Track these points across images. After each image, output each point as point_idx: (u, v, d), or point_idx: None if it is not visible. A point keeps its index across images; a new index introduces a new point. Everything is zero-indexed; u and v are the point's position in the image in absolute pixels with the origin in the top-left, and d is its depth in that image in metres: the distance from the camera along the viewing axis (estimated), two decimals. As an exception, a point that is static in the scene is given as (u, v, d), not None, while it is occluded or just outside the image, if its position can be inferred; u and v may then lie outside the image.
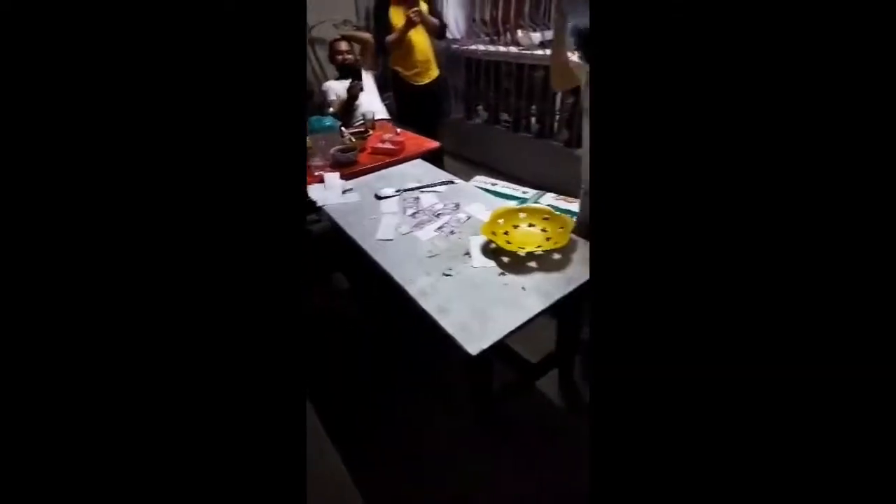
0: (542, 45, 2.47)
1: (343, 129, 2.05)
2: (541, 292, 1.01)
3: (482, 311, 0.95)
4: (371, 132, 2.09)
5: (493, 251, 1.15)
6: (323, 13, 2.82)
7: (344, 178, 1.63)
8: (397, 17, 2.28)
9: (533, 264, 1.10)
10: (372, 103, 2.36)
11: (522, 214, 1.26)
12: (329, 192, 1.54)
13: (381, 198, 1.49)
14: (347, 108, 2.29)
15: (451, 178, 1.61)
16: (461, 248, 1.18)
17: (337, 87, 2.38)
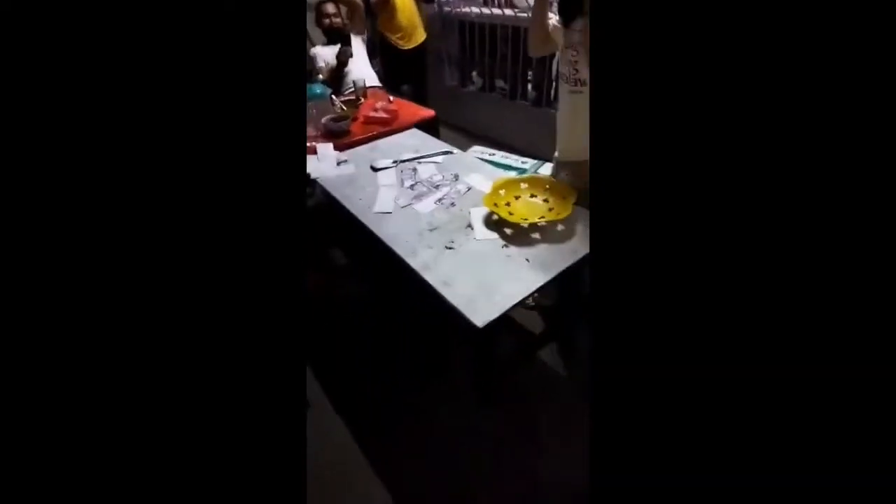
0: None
1: (333, 97, 1.96)
2: (544, 264, 0.99)
3: (487, 284, 0.94)
4: (363, 100, 2.01)
5: (495, 223, 1.13)
6: (307, -27, 2.66)
7: (337, 149, 1.57)
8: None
9: (536, 235, 1.08)
10: (362, 70, 2.26)
11: (524, 185, 1.23)
12: (323, 163, 1.48)
13: (377, 169, 1.44)
14: (337, 75, 2.18)
15: (450, 148, 1.56)
16: (463, 221, 1.16)
17: (325, 53, 2.26)
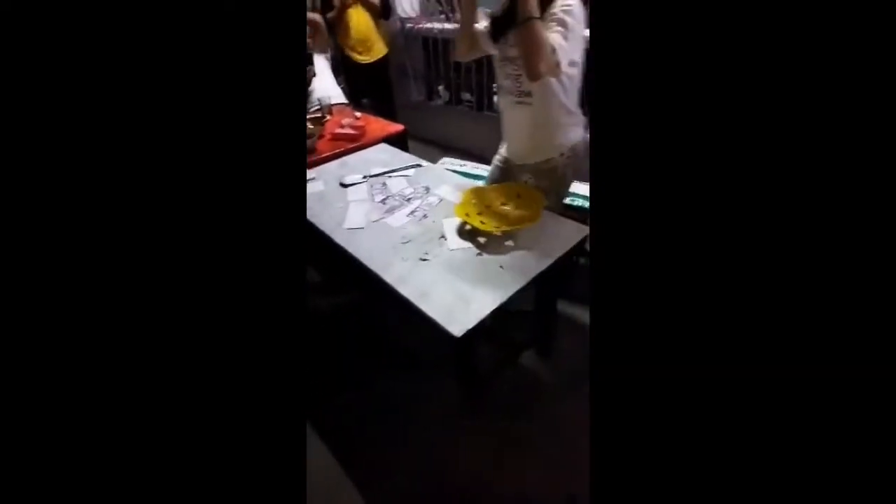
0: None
1: (299, 116, 1.94)
2: (519, 269, 1.00)
3: (463, 293, 0.94)
4: (328, 117, 2.00)
5: (468, 232, 1.13)
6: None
7: (305, 167, 1.55)
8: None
9: (509, 243, 1.09)
10: (328, 88, 2.25)
11: (494, 193, 1.25)
12: (291, 183, 1.46)
13: (346, 185, 1.42)
14: (301, 94, 2.17)
15: (419, 161, 1.57)
16: (436, 232, 1.16)
17: (288, 73, 2.25)
